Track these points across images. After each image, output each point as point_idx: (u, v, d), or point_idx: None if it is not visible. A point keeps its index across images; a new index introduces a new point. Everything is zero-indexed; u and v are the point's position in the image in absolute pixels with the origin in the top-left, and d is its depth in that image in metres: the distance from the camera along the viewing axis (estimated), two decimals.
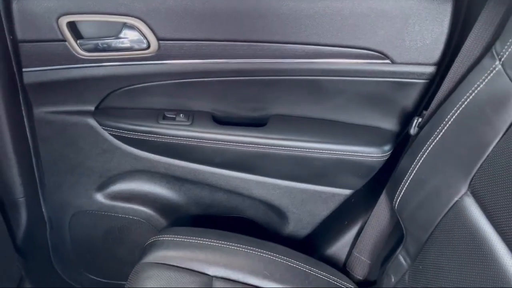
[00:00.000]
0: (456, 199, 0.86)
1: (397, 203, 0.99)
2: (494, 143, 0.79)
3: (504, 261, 0.72)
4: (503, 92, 0.78)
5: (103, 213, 1.21)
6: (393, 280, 1.01)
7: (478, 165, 0.82)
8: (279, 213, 1.22)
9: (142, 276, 0.97)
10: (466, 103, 0.86)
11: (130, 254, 1.27)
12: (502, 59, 0.80)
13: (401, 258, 1.00)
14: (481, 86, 0.83)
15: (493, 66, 0.82)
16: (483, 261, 0.76)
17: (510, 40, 0.79)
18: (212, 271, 1.02)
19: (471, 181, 0.83)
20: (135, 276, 0.98)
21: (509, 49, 0.79)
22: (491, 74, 0.82)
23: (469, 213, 0.82)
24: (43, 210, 1.20)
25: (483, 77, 0.83)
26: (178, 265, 1.01)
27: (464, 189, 0.84)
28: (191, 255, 1.03)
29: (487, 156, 0.80)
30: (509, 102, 0.77)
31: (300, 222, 1.22)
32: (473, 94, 0.84)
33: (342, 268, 1.21)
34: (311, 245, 1.24)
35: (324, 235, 1.23)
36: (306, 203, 1.18)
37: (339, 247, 1.20)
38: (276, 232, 1.27)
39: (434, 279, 0.88)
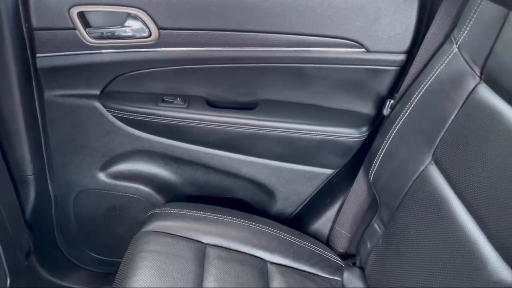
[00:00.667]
0: (422, 168, 0.97)
1: (372, 176, 1.11)
2: (453, 116, 0.91)
3: (460, 215, 0.83)
4: (459, 71, 0.91)
5: (105, 191, 1.31)
6: (368, 246, 1.12)
7: (440, 137, 0.94)
8: (268, 192, 1.33)
9: (142, 241, 1.08)
10: (429, 83, 0.98)
11: (130, 231, 1.36)
12: (458, 43, 0.93)
13: (376, 226, 1.12)
14: (441, 67, 0.96)
15: (451, 49, 0.94)
16: (443, 217, 0.87)
17: (465, 26, 0.91)
18: (206, 239, 1.12)
19: (434, 151, 0.95)
20: (136, 241, 1.09)
21: (464, 34, 0.91)
22: (449, 57, 0.94)
23: (432, 179, 0.94)
24: (50, 188, 1.30)
25: (443, 60, 0.96)
26: (175, 233, 1.12)
27: (428, 159, 0.96)
28: (187, 225, 1.14)
29: (447, 128, 0.92)
30: (464, 79, 0.89)
31: (287, 201, 1.33)
32: (435, 75, 0.97)
33: (325, 242, 1.32)
34: (297, 222, 1.35)
35: (309, 212, 1.34)
36: (292, 182, 1.29)
37: (322, 223, 1.31)
38: (264, 211, 1.37)
39: (403, 239, 0.99)
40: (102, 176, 1.30)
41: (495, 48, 0.83)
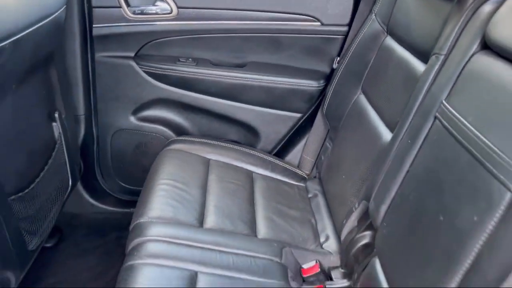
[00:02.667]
0: (354, 98, 1.46)
1: (325, 109, 1.59)
2: (372, 60, 1.40)
3: (373, 117, 1.30)
4: (375, 30, 1.41)
5: (135, 131, 1.78)
6: (322, 159, 1.60)
7: (365, 74, 1.42)
8: (254, 132, 1.80)
9: (165, 155, 1.54)
10: (358, 40, 1.47)
11: (151, 163, 1.83)
12: (375, 12, 1.43)
13: (327, 143, 1.60)
14: (365, 29, 1.45)
15: (372, 18, 1.44)
16: (364, 123, 1.35)
17: (379, 1, 1.41)
18: (210, 156, 1.59)
19: (362, 85, 1.44)
20: (159, 157, 1.55)
21: (378, 5, 1.41)
22: (370, 22, 1.44)
23: (361, 104, 1.42)
24: (93, 129, 1.77)
25: (367, 25, 1.45)
26: (188, 151, 1.59)
27: (359, 91, 1.45)
28: (196, 147, 1.61)
29: (369, 68, 1.41)
30: (378, 35, 1.39)
31: (268, 139, 1.81)
32: (361, 35, 1.46)
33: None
34: (275, 155, 1.82)
35: (284, 147, 1.81)
36: (272, 123, 1.77)
37: (293, 154, 1.79)
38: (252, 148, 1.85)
39: (341, 144, 1.47)
40: (133, 119, 1.77)
41: (394, 12, 1.33)
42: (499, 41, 0.78)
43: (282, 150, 1.83)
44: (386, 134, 1.18)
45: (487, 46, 0.83)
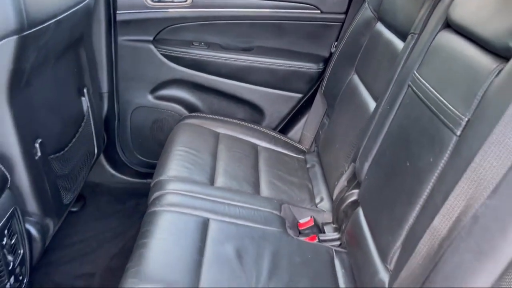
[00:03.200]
0: (349, 78, 1.64)
1: (323, 89, 1.77)
2: (364, 44, 1.58)
3: (367, 99, 1.48)
4: (368, 16, 1.59)
5: (152, 108, 1.98)
6: (320, 134, 1.79)
7: (358, 57, 1.60)
8: (259, 111, 1.99)
9: (180, 128, 1.73)
10: (352, 27, 1.65)
11: (166, 138, 2.02)
12: (368, 0, 1.60)
13: (325, 120, 1.78)
14: (359, 16, 1.63)
15: (365, 6, 1.62)
16: (358, 104, 1.53)
17: None
18: (220, 130, 1.78)
19: (355, 67, 1.62)
20: (175, 130, 1.74)
21: None
22: (363, 10, 1.62)
23: (354, 83, 1.60)
24: (115, 106, 1.96)
25: (361, 13, 1.63)
26: (200, 125, 1.78)
27: (353, 71, 1.63)
28: (207, 123, 1.80)
29: (362, 51, 1.59)
30: (370, 21, 1.57)
31: (272, 117, 1.99)
32: (355, 22, 1.64)
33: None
34: (279, 132, 2.01)
35: (286, 124, 2.00)
36: (275, 103, 1.96)
37: (295, 131, 1.98)
38: None
39: (337, 119, 1.65)
40: (150, 97, 1.96)
41: (383, 0, 1.50)
42: (457, 21, 0.97)
43: (284, 127, 2.01)
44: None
45: (449, 25, 1.01)
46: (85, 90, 1.63)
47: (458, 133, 0.83)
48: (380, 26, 1.51)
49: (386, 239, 0.98)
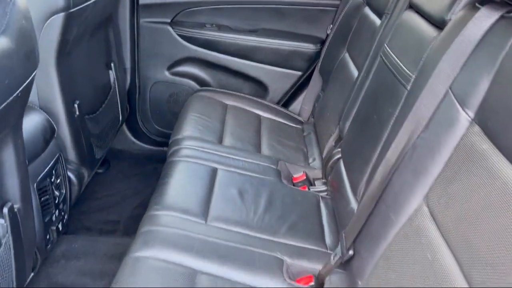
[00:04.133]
0: (341, 56, 1.88)
1: (319, 65, 2.02)
2: (354, 25, 1.82)
3: (353, 72, 1.73)
4: (358, 2, 1.82)
5: (169, 83, 2.24)
6: (315, 106, 2.03)
7: (349, 38, 1.84)
8: (264, 87, 2.24)
9: (193, 100, 1.99)
10: (344, 11, 1.89)
11: (180, 110, 2.28)
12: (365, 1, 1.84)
13: (320, 94, 2.03)
14: (351, 1, 1.87)
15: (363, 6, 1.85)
16: (346, 76, 1.77)
17: None
18: (228, 102, 2.04)
19: (347, 46, 1.86)
20: (188, 101, 2.00)
21: None
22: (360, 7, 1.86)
23: (345, 61, 1.84)
24: (136, 80, 2.22)
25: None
26: (211, 97, 2.03)
27: (344, 50, 1.87)
28: (217, 96, 2.06)
29: (352, 32, 1.83)
30: (360, 6, 1.80)
31: (275, 93, 2.24)
32: (347, 6, 1.88)
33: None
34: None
35: (287, 99, 2.25)
36: (278, 79, 2.21)
37: (295, 105, 2.23)
38: None
39: (329, 94, 1.89)
40: (167, 73, 2.23)
41: None
42: (415, 2, 1.21)
43: (286, 101, 2.26)
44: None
45: (411, 6, 1.25)
46: (112, 65, 1.89)
47: (408, 87, 1.07)
48: (367, 10, 1.74)
49: (356, 177, 1.23)
